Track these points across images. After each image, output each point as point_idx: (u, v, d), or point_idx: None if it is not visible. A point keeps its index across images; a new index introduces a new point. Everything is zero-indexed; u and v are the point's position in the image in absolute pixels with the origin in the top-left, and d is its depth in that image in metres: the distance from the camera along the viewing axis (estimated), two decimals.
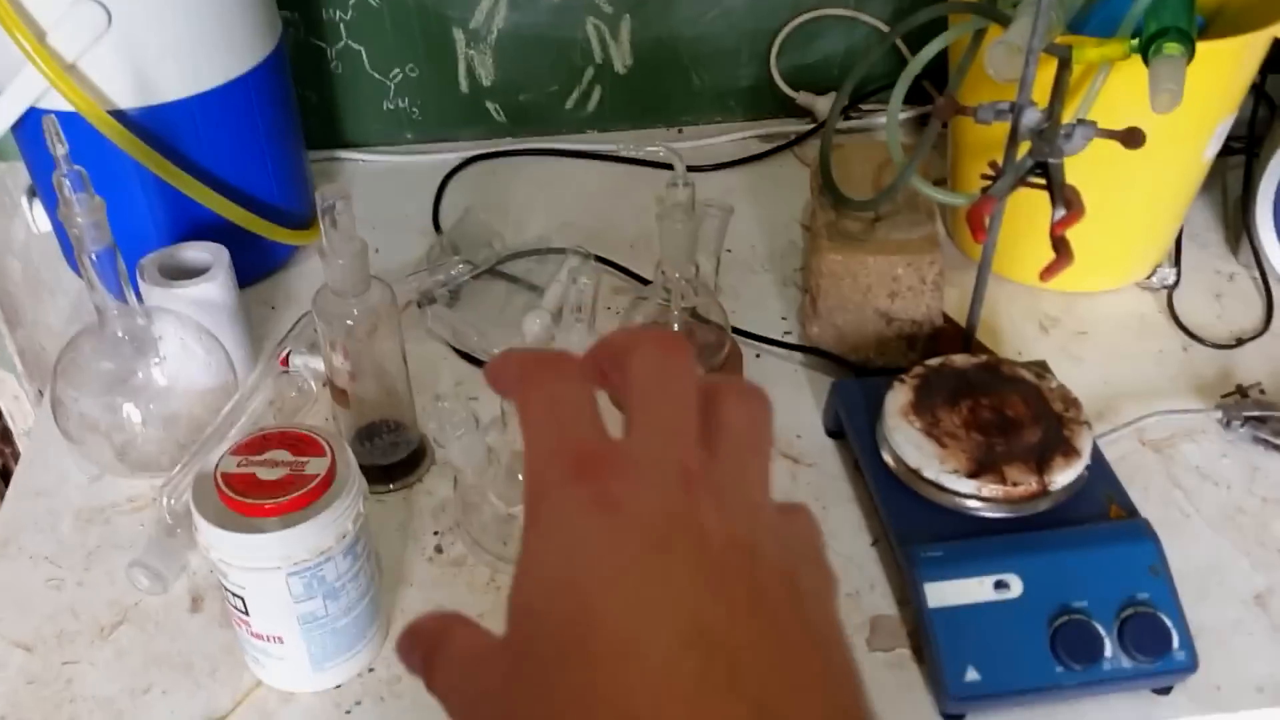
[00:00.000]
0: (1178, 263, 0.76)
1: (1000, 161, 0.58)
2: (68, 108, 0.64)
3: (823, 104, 0.92)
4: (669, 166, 0.88)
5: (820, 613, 0.24)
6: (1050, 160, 0.54)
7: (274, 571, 0.48)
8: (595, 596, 0.22)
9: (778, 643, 0.22)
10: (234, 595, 0.50)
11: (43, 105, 0.66)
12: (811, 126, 0.92)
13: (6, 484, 1.06)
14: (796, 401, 0.67)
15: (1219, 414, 0.65)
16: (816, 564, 0.26)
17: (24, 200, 0.77)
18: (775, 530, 0.25)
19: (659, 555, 0.23)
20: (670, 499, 0.24)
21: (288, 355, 0.68)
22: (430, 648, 0.26)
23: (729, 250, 0.79)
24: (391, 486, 0.63)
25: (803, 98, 0.92)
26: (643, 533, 0.23)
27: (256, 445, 0.49)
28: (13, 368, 1.01)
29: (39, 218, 0.77)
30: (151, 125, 0.67)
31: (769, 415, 0.27)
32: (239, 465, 0.48)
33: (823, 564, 0.26)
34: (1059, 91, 0.57)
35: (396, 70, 0.89)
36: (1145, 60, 0.58)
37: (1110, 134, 0.55)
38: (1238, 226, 0.79)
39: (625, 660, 0.21)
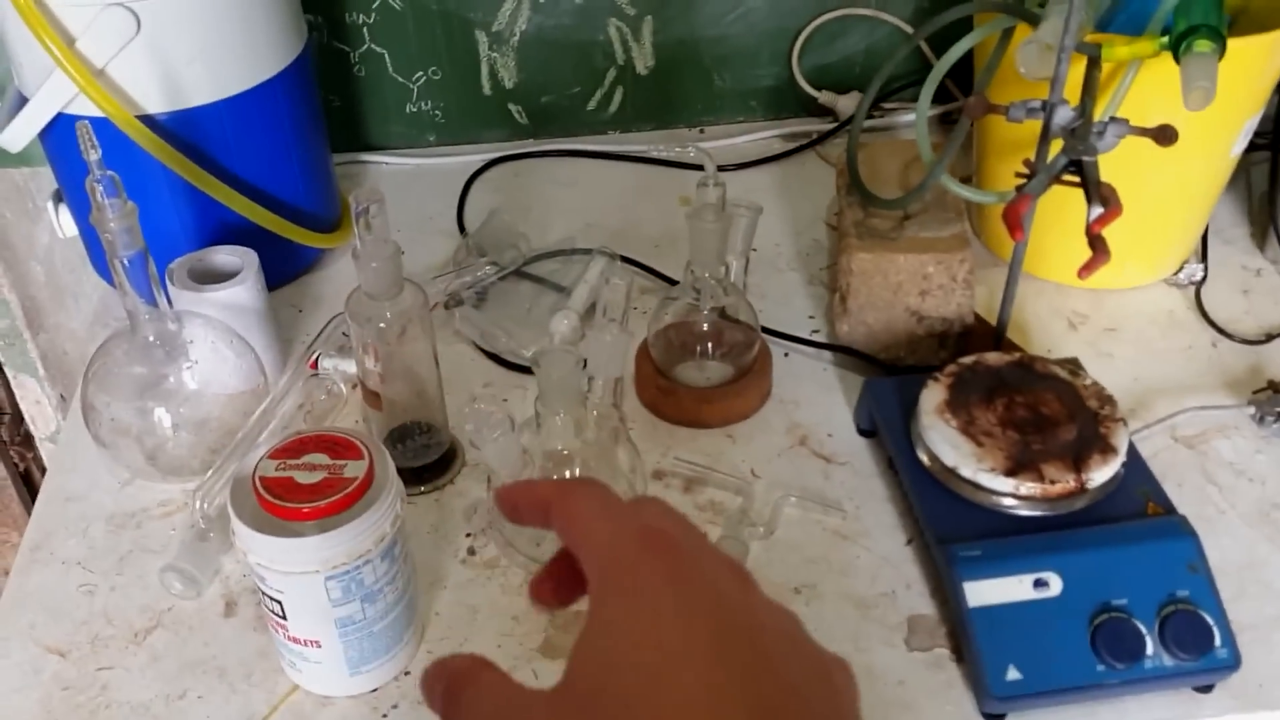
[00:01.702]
0: (1205, 259, 0.76)
1: (1032, 159, 0.58)
2: (97, 113, 0.64)
3: (845, 103, 0.92)
4: (692, 166, 0.88)
5: (850, 703, 0.27)
6: (1084, 158, 0.54)
7: (312, 575, 0.48)
8: (673, 659, 0.24)
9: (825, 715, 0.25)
10: (272, 599, 0.50)
11: (71, 110, 0.66)
12: (834, 125, 0.92)
13: (29, 487, 1.07)
14: (827, 400, 0.67)
15: (1252, 410, 0.64)
16: (842, 666, 0.28)
17: (50, 205, 0.77)
18: (806, 633, 0.28)
19: (726, 640, 0.25)
20: (732, 591, 0.27)
21: (317, 358, 0.68)
22: (456, 686, 0.28)
23: (754, 249, 0.78)
24: (423, 488, 0.63)
25: (825, 97, 0.92)
26: (712, 616, 0.26)
27: (294, 449, 0.49)
28: (35, 372, 1.01)
29: (65, 223, 0.77)
30: (180, 130, 0.67)
31: None
32: (277, 469, 0.48)
33: (845, 666, 0.29)
34: (1090, 89, 0.57)
35: (419, 73, 0.89)
36: (1176, 58, 0.58)
37: (1143, 131, 0.55)
38: (1264, 222, 0.79)
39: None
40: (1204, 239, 0.76)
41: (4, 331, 0.98)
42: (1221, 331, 0.71)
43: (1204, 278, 0.75)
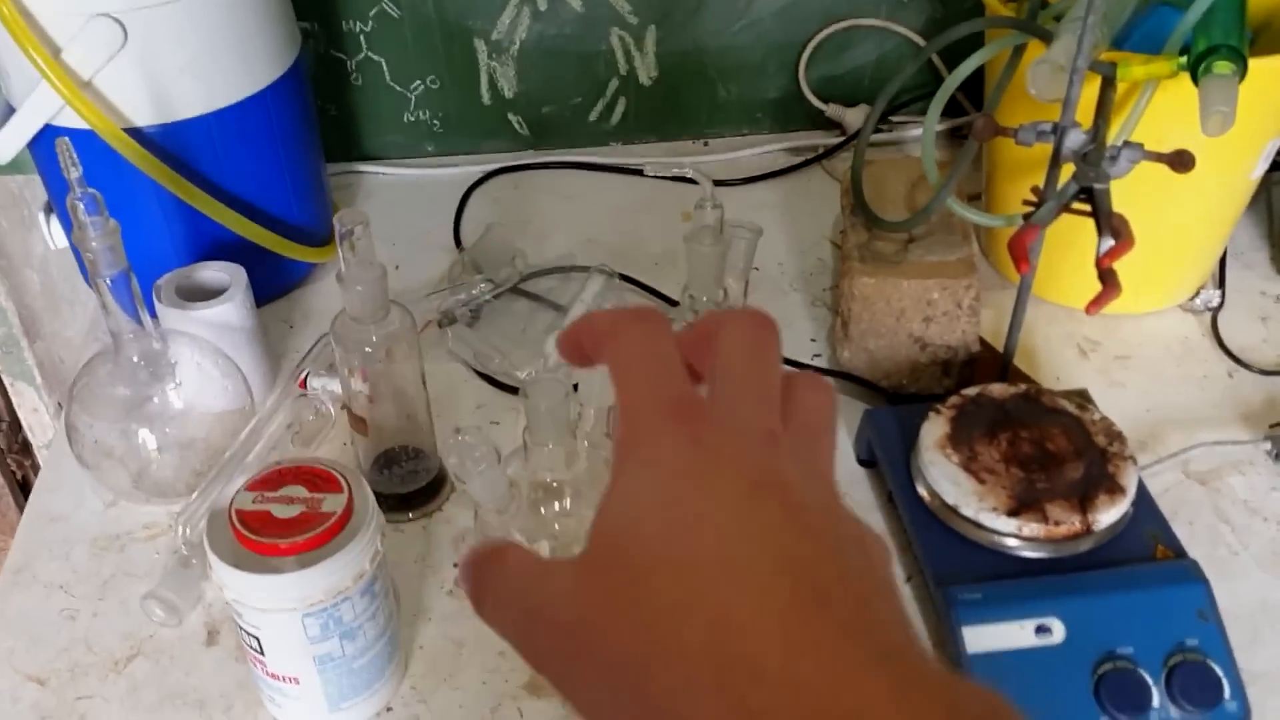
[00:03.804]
0: (1222, 284, 0.73)
1: (1041, 186, 0.55)
2: (83, 125, 0.63)
3: (853, 116, 0.90)
4: (694, 181, 0.86)
5: (886, 573, 0.26)
6: (1095, 186, 0.51)
7: (289, 613, 0.47)
8: (694, 517, 0.24)
9: (858, 585, 0.24)
10: (249, 635, 0.48)
11: (58, 123, 0.65)
12: (841, 139, 0.90)
13: (27, 495, 1.06)
14: None
15: (1268, 445, 0.62)
16: (876, 538, 0.27)
17: (41, 216, 0.76)
18: (842, 503, 0.27)
19: (751, 498, 0.24)
20: (759, 454, 0.25)
21: (306, 377, 0.67)
22: (483, 567, 0.27)
23: (756, 268, 0.77)
24: (410, 516, 0.61)
25: (832, 110, 0.90)
26: (737, 476, 0.25)
27: (272, 481, 0.48)
28: (32, 380, 1.01)
29: (56, 234, 0.76)
30: (168, 143, 0.66)
31: (836, 402, 0.29)
32: (254, 502, 0.47)
33: (880, 540, 0.27)
34: (1104, 112, 0.55)
35: (417, 82, 0.88)
36: (1194, 79, 0.56)
37: (1158, 157, 0.53)
38: None
39: (723, 571, 0.23)
40: (1222, 263, 0.74)
41: (1, 339, 0.98)
42: (1238, 361, 0.69)
43: (1221, 304, 0.72)
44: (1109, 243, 0.50)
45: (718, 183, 0.86)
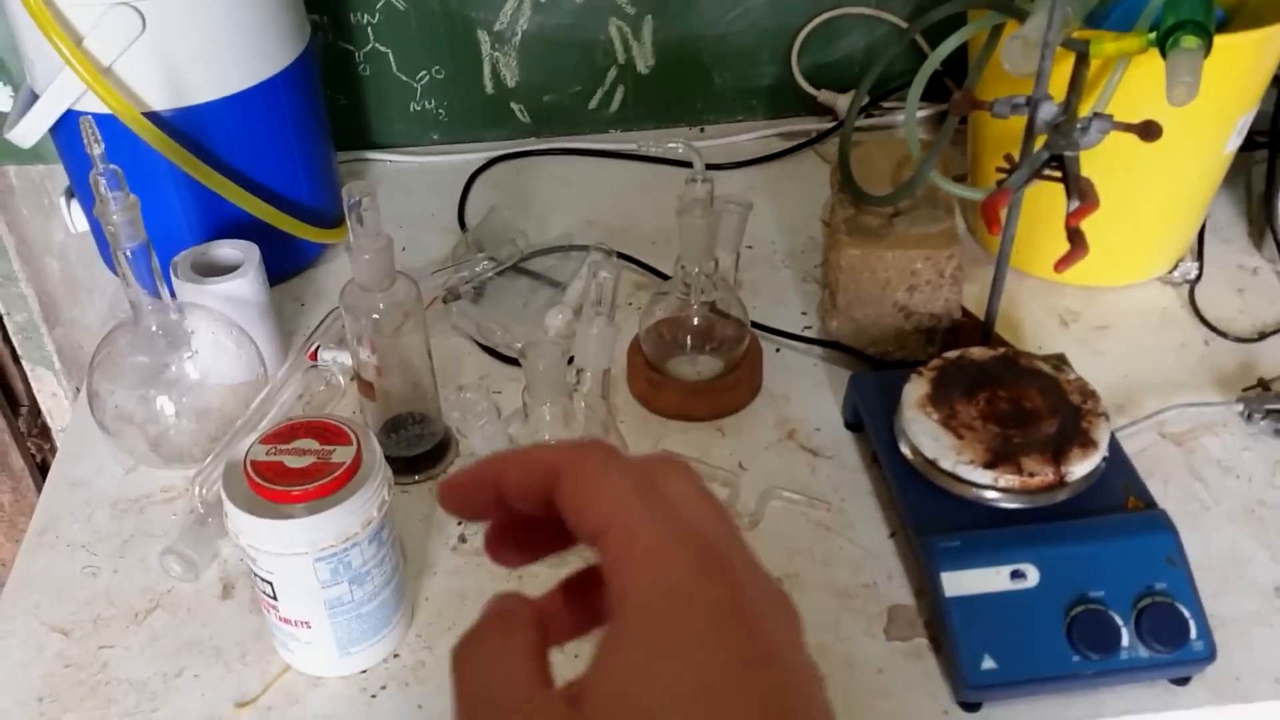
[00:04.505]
0: (1200, 257, 0.76)
1: (1016, 155, 0.58)
2: (104, 110, 0.66)
3: (844, 102, 0.92)
4: (690, 164, 0.89)
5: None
6: (1065, 153, 0.54)
7: (301, 557, 0.49)
8: None
9: None
10: (263, 581, 0.51)
11: (80, 107, 0.68)
12: (833, 124, 0.93)
13: (46, 478, 1.09)
14: (816, 395, 0.68)
15: (1240, 407, 0.64)
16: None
17: (62, 201, 0.79)
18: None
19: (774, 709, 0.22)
20: (784, 638, 0.24)
21: (316, 350, 0.70)
22: (485, 630, 0.25)
23: (750, 247, 0.79)
24: (417, 478, 0.64)
25: (824, 96, 0.93)
26: (764, 679, 0.22)
27: (285, 434, 0.50)
28: (51, 365, 1.04)
29: (77, 218, 0.79)
30: (184, 126, 0.69)
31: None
32: (268, 453, 0.49)
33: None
34: (1076, 85, 0.57)
35: (423, 72, 0.91)
36: (1163, 54, 0.58)
37: (1127, 127, 0.56)
38: (1261, 221, 0.79)
39: None
40: (1200, 237, 0.76)
41: (22, 325, 1.01)
42: (1214, 329, 0.71)
43: (1199, 276, 0.75)
44: (1076, 203, 0.53)
45: (712, 167, 0.88)
